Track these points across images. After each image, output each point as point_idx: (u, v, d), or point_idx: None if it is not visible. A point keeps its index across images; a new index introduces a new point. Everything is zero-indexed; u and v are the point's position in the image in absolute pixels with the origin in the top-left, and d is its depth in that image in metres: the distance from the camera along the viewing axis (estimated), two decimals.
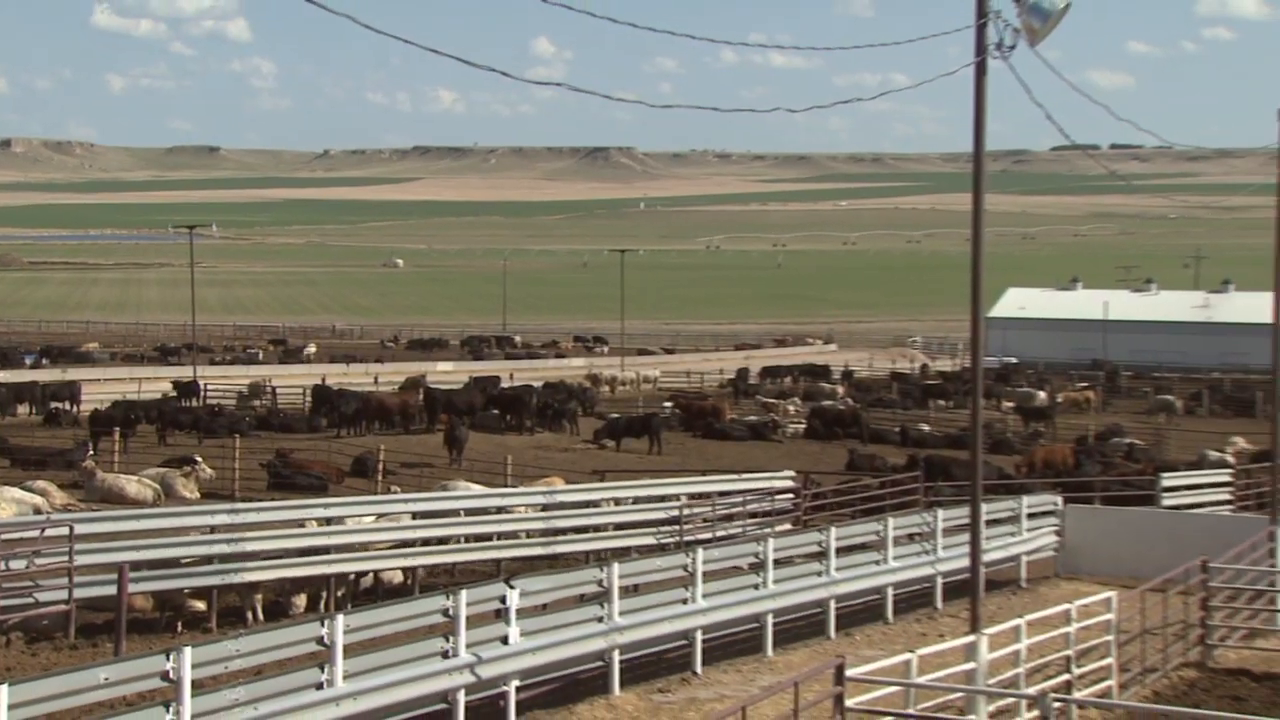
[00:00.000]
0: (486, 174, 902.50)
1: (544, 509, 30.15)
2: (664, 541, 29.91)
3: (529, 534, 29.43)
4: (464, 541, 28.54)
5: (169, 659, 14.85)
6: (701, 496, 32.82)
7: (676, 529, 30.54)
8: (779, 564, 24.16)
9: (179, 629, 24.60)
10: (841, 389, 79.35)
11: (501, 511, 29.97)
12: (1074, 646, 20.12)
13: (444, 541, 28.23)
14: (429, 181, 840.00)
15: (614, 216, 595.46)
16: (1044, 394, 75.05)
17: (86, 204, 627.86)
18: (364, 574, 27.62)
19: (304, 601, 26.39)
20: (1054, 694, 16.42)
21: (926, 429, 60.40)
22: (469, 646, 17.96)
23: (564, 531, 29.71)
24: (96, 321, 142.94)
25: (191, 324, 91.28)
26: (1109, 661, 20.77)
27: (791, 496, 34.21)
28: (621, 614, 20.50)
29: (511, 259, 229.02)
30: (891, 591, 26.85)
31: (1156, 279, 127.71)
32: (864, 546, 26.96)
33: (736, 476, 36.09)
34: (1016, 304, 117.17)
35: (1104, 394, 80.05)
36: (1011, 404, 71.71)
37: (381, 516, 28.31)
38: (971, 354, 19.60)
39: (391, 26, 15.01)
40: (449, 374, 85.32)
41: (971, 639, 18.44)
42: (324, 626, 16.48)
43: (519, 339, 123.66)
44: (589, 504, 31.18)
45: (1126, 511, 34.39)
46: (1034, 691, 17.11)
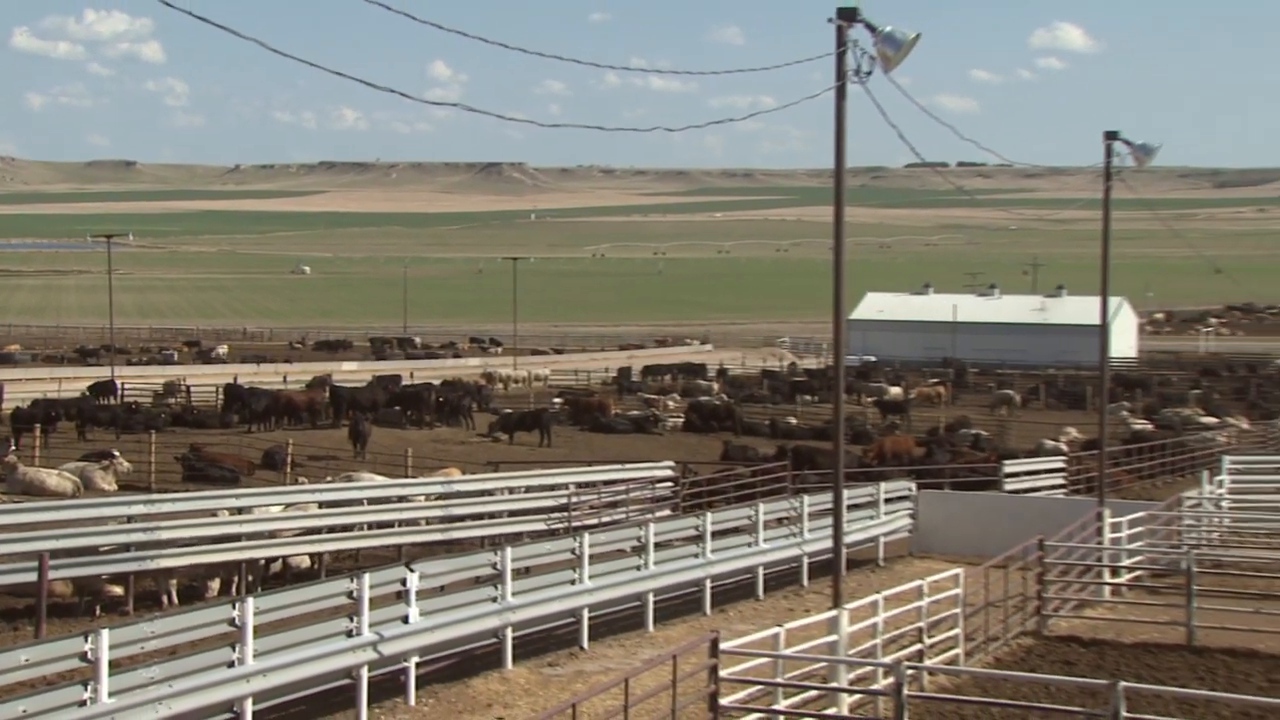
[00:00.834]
0: (388, 188, 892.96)
1: (442, 498, 30.00)
2: (553, 527, 29.83)
3: (428, 521, 29.22)
4: (367, 528, 28.31)
5: (87, 641, 14.59)
6: (588, 485, 32.80)
7: (565, 515, 30.50)
8: (659, 547, 24.23)
9: (97, 613, 24.13)
10: (717, 385, 79.75)
11: (402, 500, 29.77)
12: (925, 619, 20.36)
13: (348, 529, 28.01)
14: (334, 194, 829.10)
15: (507, 227, 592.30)
16: (899, 389, 75.90)
17: (8, 215, 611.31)
18: (273, 560, 27.30)
19: (217, 586, 26.06)
20: (907, 662, 16.59)
21: (794, 422, 60.82)
22: (372, 626, 17.83)
23: (461, 518, 29.55)
24: (18, 325, 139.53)
25: (109, 327, 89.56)
26: (956, 632, 21.05)
27: (671, 485, 34.33)
28: (514, 594, 20.45)
29: (411, 266, 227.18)
30: (762, 571, 27.03)
31: (999, 285, 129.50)
32: (737, 530, 27.10)
33: (620, 466, 36.12)
34: (875, 307, 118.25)
35: (953, 389, 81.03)
36: (871, 398, 72.49)
37: (290, 506, 28.02)
38: (834, 353, 19.77)
39: (298, 50, 14.83)
40: (353, 373, 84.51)
41: (834, 614, 18.59)
42: (235, 609, 16.28)
43: (419, 340, 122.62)
44: (484, 493, 31.09)
45: (973, 496, 34.91)
46: (889, 660, 17.30)
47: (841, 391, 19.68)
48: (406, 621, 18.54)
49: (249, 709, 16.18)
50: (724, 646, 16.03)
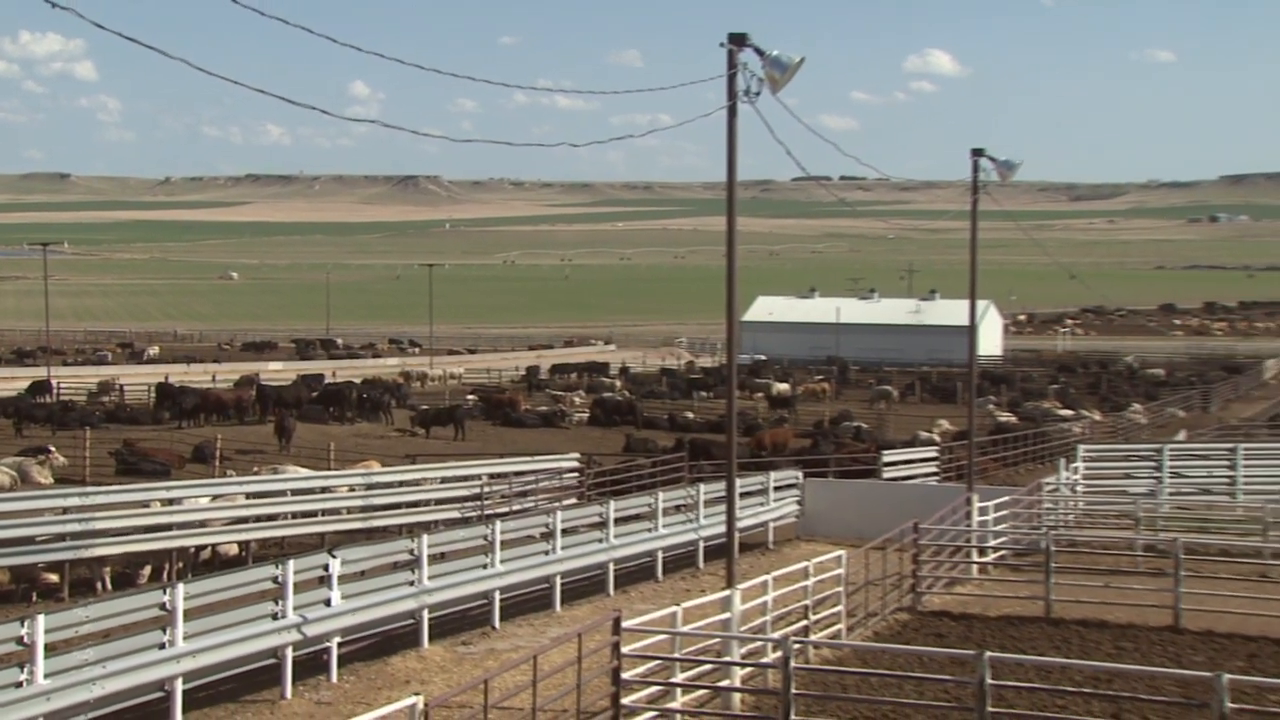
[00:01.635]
0: (311, 198, 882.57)
1: (362, 489, 29.74)
2: (467, 515, 29.69)
3: (349, 510, 29.00)
4: (292, 518, 28.04)
5: (23, 625, 14.31)
6: (500, 476, 32.76)
7: (478, 504, 30.38)
8: (566, 533, 24.20)
9: (34, 599, 23.63)
10: (619, 383, 79.80)
11: (325, 491, 29.47)
12: (811, 597, 20.50)
13: (274, 518, 27.71)
14: (260, 205, 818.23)
15: (423, 236, 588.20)
16: (787, 386, 76.44)
17: None
18: (203, 548, 26.95)
19: (149, 573, 25.65)
20: (794, 638, 16.73)
21: (691, 416, 61.07)
22: (296, 609, 17.68)
23: (380, 508, 29.34)
24: None
25: (45, 329, 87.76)
26: (839, 609, 21.24)
27: (577, 475, 34.32)
28: (430, 578, 20.35)
29: (334, 272, 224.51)
30: (661, 554, 27.10)
31: (878, 289, 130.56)
32: (638, 517, 27.15)
33: (529, 458, 36.07)
34: (765, 310, 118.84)
35: (836, 385, 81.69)
36: (760, 394, 72.91)
37: (218, 497, 27.63)
38: (727, 352, 19.88)
39: (225, 69, 14.66)
40: (279, 372, 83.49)
41: (727, 593, 18.69)
42: (166, 594, 16.07)
43: (340, 341, 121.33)
44: (402, 484, 30.89)
45: (854, 483, 35.27)
46: (778, 636, 17.43)
47: (734, 388, 19.82)
48: (329, 605, 18.39)
49: (179, 688, 15.97)
50: (626, 625, 16.05)
